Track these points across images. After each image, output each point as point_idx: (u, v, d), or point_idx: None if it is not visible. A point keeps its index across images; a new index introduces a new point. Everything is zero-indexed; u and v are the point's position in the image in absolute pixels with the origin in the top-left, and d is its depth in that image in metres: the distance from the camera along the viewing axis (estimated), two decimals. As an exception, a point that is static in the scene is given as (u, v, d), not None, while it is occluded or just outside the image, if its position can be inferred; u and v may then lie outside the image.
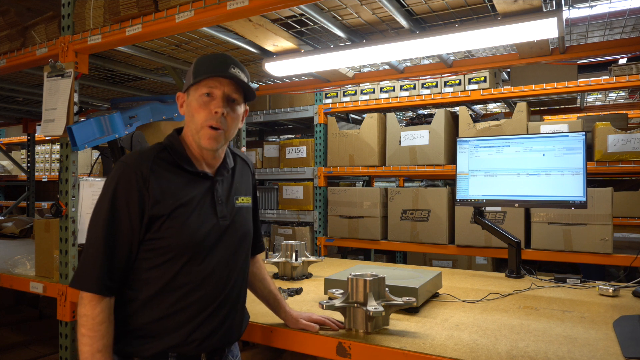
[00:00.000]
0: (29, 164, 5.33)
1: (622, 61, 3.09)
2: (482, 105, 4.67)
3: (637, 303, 1.86)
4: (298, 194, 4.08)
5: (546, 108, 4.60)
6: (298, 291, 2.03)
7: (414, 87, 3.65)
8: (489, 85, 3.38)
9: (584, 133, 2.31)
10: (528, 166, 2.40)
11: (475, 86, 3.43)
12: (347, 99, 3.96)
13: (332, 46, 2.70)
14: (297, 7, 2.07)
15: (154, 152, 1.32)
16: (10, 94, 4.00)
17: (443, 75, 3.38)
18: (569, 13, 2.43)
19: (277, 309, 1.60)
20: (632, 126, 3.90)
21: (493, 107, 4.96)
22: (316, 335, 1.51)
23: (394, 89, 3.74)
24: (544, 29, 2.05)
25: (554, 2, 2.07)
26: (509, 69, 3.69)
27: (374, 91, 3.83)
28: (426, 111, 4.55)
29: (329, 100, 4.04)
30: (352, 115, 4.64)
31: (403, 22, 2.27)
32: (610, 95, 4.64)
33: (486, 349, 1.34)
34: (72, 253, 2.23)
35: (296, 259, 2.28)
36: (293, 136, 5.78)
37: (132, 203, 1.24)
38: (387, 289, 1.51)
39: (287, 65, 2.72)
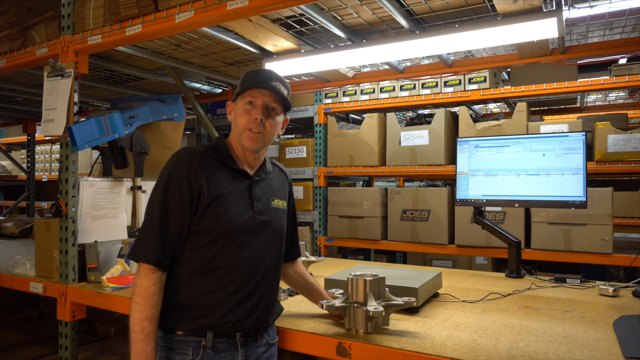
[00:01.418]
0: (29, 164, 5.33)
1: (622, 61, 3.09)
2: (482, 105, 4.67)
3: (637, 303, 1.86)
4: (298, 194, 4.07)
5: (546, 108, 4.60)
6: (298, 291, 2.02)
7: (414, 87, 3.65)
8: (489, 85, 3.38)
9: (584, 133, 2.31)
10: (528, 166, 2.40)
11: (475, 86, 3.43)
12: (347, 99, 3.96)
13: (332, 46, 2.70)
14: (297, 7, 2.07)
15: (203, 149, 1.50)
16: (10, 94, 4.00)
17: (443, 75, 3.38)
18: (569, 13, 2.43)
19: (321, 300, 1.69)
20: (632, 126, 3.90)
21: (493, 107, 4.96)
22: (316, 335, 1.51)
23: (394, 89, 3.74)
24: (544, 29, 2.05)
25: (554, 2, 2.07)
26: (509, 69, 3.69)
27: (374, 91, 3.83)
28: (426, 111, 4.54)
29: (329, 100, 4.04)
30: (352, 115, 4.64)
31: (403, 22, 2.27)
32: (610, 95, 4.64)
33: (486, 349, 1.34)
34: (72, 253, 2.23)
35: (296, 259, 2.28)
36: (293, 136, 5.78)
37: (184, 188, 1.41)
38: (387, 289, 1.52)
39: (287, 65, 2.72)
